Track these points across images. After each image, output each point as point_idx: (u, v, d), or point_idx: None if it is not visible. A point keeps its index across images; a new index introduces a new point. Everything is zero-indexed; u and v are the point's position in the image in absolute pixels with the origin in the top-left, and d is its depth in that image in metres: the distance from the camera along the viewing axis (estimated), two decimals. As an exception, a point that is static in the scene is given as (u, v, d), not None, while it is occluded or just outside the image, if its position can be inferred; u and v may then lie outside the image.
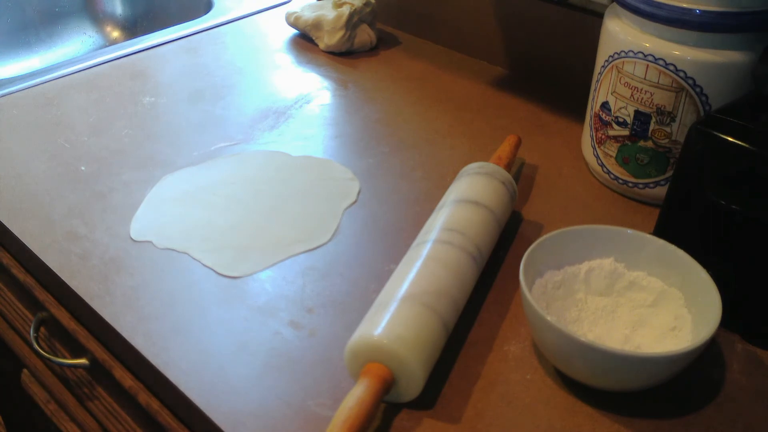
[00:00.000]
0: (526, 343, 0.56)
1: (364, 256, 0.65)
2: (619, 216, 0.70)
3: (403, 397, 0.50)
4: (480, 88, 0.92)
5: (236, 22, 1.10)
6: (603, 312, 0.56)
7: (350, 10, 0.98)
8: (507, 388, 0.52)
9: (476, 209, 0.61)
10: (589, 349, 0.48)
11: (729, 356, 0.55)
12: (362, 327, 0.51)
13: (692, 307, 0.54)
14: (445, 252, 0.56)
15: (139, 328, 0.57)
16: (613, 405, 0.51)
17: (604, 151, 0.71)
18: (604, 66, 0.68)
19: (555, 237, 0.57)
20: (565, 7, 0.86)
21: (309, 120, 0.86)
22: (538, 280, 0.56)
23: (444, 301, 0.53)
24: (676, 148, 0.66)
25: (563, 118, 0.85)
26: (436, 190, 0.72)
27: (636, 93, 0.66)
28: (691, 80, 0.62)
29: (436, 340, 0.51)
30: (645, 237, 0.57)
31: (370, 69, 0.97)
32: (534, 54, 0.92)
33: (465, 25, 0.98)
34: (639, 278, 0.57)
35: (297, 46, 1.04)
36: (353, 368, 0.50)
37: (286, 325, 0.57)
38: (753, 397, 0.52)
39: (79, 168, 0.74)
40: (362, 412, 0.45)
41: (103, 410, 0.72)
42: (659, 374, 0.49)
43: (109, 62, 0.97)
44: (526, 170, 0.76)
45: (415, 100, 0.90)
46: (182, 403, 0.53)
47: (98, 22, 1.29)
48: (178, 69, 0.97)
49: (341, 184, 0.74)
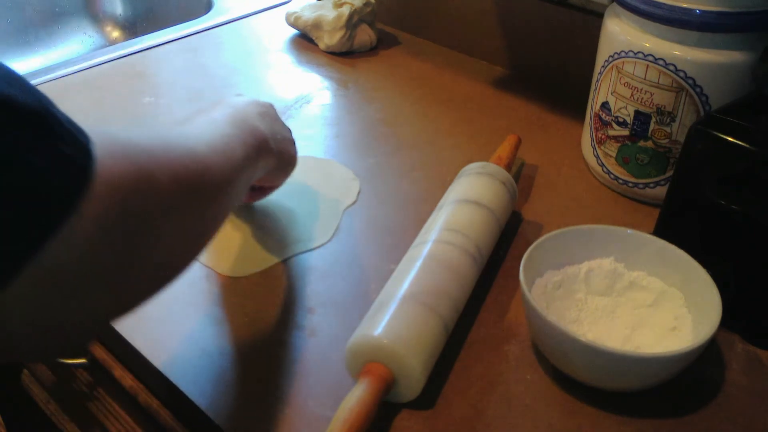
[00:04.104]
0: (526, 343, 0.56)
1: (364, 256, 0.65)
2: (619, 216, 0.70)
3: (403, 397, 0.50)
4: (480, 88, 0.92)
5: (236, 22, 1.10)
6: (603, 312, 0.56)
7: (350, 10, 0.98)
8: (507, 388, 0.52)
9: (476, 209, 0.61)
10: (589, 349, 0.48)
11: (729, 356, 0.55)
12: (362, 327, 0.51)
13: (692, 307, 0.54)
14: (445, 252, 0.56)
15: (139, 328, 0.57)
16: (613, 405, 0.51)
17: (604, 151, 0.71)
18: (604, 66, 0.68)
19: (555, 237, 0.57)
20: (565, 7, 0.86)
21: (309, 120, 0.86)
22: (538, 280, 0.56)
23: (444, 301, 0.53)
24: (676, 148, 0.66)
25: (563, 118, 0.85)
26: (436, 190, 0.72)
27: (636, 93, 0.66)
28: (691, 80, 0.62)
29: (436, 340, 0.51)
30: (645, 237, 0.57)
31: (370, 69, 0.97)
32: (534, 54, 0.92)
33: (465, 25, 0.98)
34: (639, 278, 0.57)
35: (297, 46, 1.04)
36: (353, 368, 0.50)
37: (287, 325, 0.57)
38: (753, 397, 0.52)
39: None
40: (362, 412, 0.45)
41: (103, 410, 0.72)
42: (659, 374, 0.49)
43: (109, 62, 0.97)
44: (526, 170, 0.76)
45: (415, 100, 0.90)
46: (182, 404, 0.53)
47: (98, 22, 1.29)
48: (178, 69, 0.97)
49: (341, 184, 0.74)
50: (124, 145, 0.34)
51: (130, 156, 0.34)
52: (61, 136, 0.30)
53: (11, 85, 0.29)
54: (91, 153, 0.31)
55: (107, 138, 0.33)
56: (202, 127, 0.46)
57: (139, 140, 0.36)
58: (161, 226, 0.36)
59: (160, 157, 0.37)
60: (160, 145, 0.38)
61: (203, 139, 0.43)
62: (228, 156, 0.45)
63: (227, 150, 0.45)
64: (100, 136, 0.33)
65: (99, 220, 0.31)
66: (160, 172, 0.36)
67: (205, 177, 0.41)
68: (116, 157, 0.33)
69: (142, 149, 0.35)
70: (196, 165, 0.40)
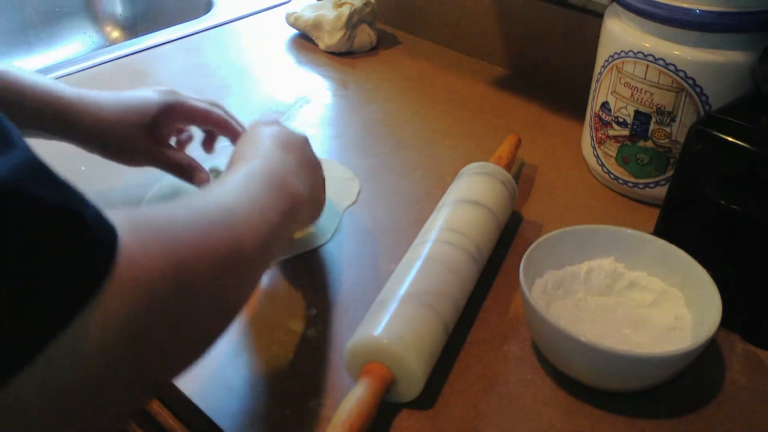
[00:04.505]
0: (526, 343, 0.56)
1: (364, 256, 0.65)
2: (619, 216, 0.70)
3: (403, 397, 0.50)
4: (480, 88, 0.92)
5: (236, 22, 1.10)
6: (603, 312, 0.56)
7: (350, 10, 0.98)
8: (507, 388, 0.52)
9: (476, 209, 0.61)
10: (589, 349, 0.48)
11: (729, 356, 0.55)
12: (362, 327, 0.51)
13: (692, 307, 0.54)
14: (445, 252, 0.56)
15: (139, 328, 0.57)
16: (613, 405, 0.51)
17: (604, 151, 0.71)
18: (604, 66, 0.68)
19: (555, 237, 0.57)
20: (565, 7, 0.86)
21: (309, 120, 0.86)
22: (538, 280, 0.56)
23: (444, 301, 0.53)
24: (676, 148, 0.66)
25: (563, 118, 0.85)
26: (436, 189, 0.72)
27: (636, 93, 0.66)
28: (691, 80, 0.62)
29: (436, 340, 0.51)
30: (645, 237, 0.57)
31: (370, 69, 0.97)
32: (534, 54, 0.92)
33: (465, 25, 0.98)
34: (639, 278, 0.57)
35: (297, 46, 1.04)
36: (353, 368, 0.50)
37: (287, 325, 0.57)
38: (753, 397, 0.52)
39: (79, 168, 0.74)
40: (362, 412, 0.45)
41: (103, 410, 0.72)
42: (659, 374, 0.49)
43: (109, 62, 0.97)
44: (526, 170, 0.76)
45: (415, 100, 0.90)
46: (182, 403, 0.52)
47: (98, 22, 1.29)
48: (178, 69, 0.97)
49: (341, 184, 0.74)
50: (155, 230, 0.34)
51: (159, 243, 0.33)
52: (86, 230, 0.29)
53: (39, 182, 0.28)
54: (115, 249, 0.30)
55: (137, 223, 0.33)
56: (238, 193, 0.44)
57: (171, 221, 0.36)
58: (192, 308, 0.36)
59: (192, 241, 0.36)
60: (192, 224, 0.37)
61: (239, 213, 0.42)
62: (264, 229, 0.43)
63: (264, 222, 0.43)
64: (131, 222, 0.32)
65: (124, 308, 0.31)
66: (191, 257, 0.35)
67: (239, 256, 0.40)
68: (146, 245, 0.32)
69: (173, 234, 0.35)
70: (230, 245, 0.39)
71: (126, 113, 0.63)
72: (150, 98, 0.64)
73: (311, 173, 0.55)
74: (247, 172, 0.47)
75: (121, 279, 0.30)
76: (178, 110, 0.65)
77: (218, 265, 0.37)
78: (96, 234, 0.30)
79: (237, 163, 0.49)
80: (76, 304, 0.29)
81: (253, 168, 0.48)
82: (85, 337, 0.29)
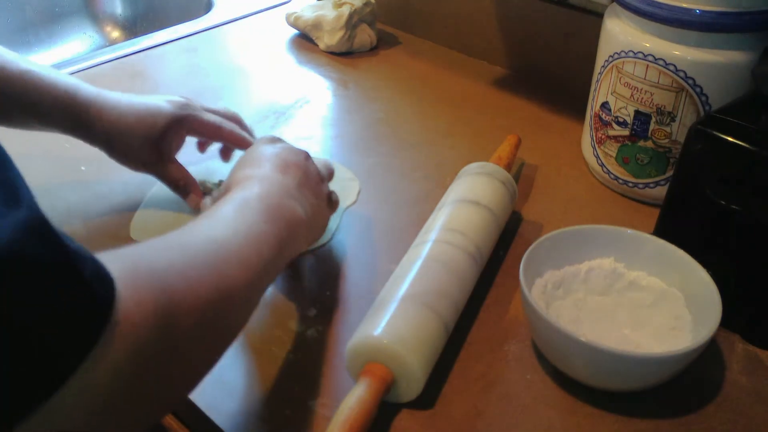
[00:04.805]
0: (526, 343, 0.56)
1: (364, 256, 0.65)
2: (619, 216, 0.70)
3: (403, 397, 0.50)
4: (480, 88, 0.92)
5: (236, 22, 1.10)
6: (603, 312, 0.56)
7: (350, 10, 0.98)
8: (507, 388, 0.52)
9: (476, 209, 0.61)
10: (589, 349, 0.48)
11: (729, 356, 0.55)
12: (362, 327, 0.51)
13: (692, 307, 0.54)
14: (445, 252, 0.56)
15: (139, 328, 0.57)
16: (613, 405, 0.51)
17: (604, 151, 0.71)
18: (604, 66, 0.68)
19: (555, 237, 0.57)
20: (565, 7, 0.86)
21: (309, 120, 0.86)
22: (538, 280, 0.56)
23: (444, 301, 0.53)
24: (676, 148, 0.66)
25: (563, 118, 0.85)
26: (436, 190, 0.72)
27: (636, 93, 0.66)
28: (691, 80, 0.62)
29: (436, 340, 0.51)
30: (645, 237, 0.57)
31: (370, 69, 0.97)
32: (534, 54, 0.92)
33: (465, 25, 0.98)
34: (639, 278, 0.57)
35: (297, 46, 1.04)
36: (353, 368, 0.50)
37: (287, 325, 0.57)
38: (753, 397, 0.52)
39: (79, 168, 0.74)
40: (363, 412, 0.45)
41: (103, 410, 0.72)
42: (659, 374, 0.49)
43: (109, 62, 0.97)
44: (526, 170, 0.76)
45: (415, 100, 0.90)
46: (182, 404, 0.52)
47: (98, 22, 1.29)
48: (177, 69, 0.97)
49: (341, 184, 0.74)
50: (150, 280, 0.35)
51: (153, 296, 0.34)
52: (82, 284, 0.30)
53: (40, 240, 0.29)
54: (112, 307, 0.31)
55: (136, 273, 0.34)
56: (232, 226, 0.44)
57: (167, 267, 0.37)
58: (179, 352, 0.36)
59: (183, 291, 0.36)
60: (186, 271, 0.38)
61: (232, 250, 0.42)
62: (256, 264, 0.43)
63: (256, 256, 0.43)
64: (129, 271, 0.33)
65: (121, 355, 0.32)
66: (183, 310, 0.36)
67: (229, 297, 0.40)
68: (141, 300, 0.33)
69: (167, 285, 0.35)
70: (222, 290, 0.39)
71: (136, 123, 0.63)
72: (161, 111, 0.64)
73: (311, 193, 0.54)
74: (242, 200, 0.47)
75: (113, 333, 0.31)
76: (188, 124, 0.65)
77: (208, 312, 0.38)
78: (92, 289, 0.31)
79: (233, 190, 0.49)
80: (75, 358, 0.30)
81: (249, 196, 0.48)
82: (79, 389, 0.30)
